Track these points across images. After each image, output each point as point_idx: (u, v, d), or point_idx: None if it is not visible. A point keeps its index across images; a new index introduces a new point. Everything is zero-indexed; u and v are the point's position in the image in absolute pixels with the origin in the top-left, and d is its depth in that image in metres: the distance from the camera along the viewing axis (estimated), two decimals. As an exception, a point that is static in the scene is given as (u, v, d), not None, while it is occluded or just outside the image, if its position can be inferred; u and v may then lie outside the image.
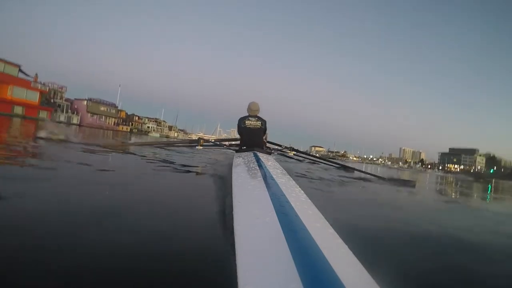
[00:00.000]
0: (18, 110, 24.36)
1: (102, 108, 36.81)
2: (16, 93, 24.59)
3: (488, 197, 5.36)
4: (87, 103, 34.85)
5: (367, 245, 0.98)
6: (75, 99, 34.74)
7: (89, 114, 34.07)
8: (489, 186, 9.75)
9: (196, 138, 4.39)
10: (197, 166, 3.40)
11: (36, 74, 28.30)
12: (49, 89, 30.45)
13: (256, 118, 3.34)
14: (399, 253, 1.13)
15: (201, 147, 4.10)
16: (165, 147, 5.00)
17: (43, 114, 26.06)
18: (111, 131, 20.73)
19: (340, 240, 0.66)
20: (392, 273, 0.82)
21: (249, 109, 3.41)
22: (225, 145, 4.28)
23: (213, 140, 4.68)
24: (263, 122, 3.39)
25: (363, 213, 1.91)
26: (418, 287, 0.85)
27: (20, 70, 25.54)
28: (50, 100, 30.15)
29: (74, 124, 28.85)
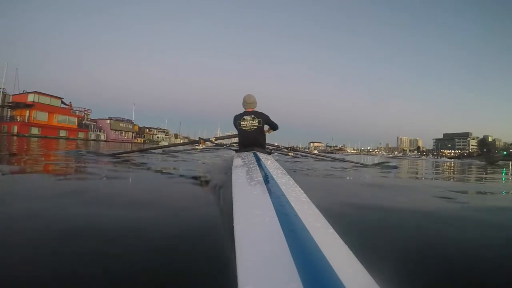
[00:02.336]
0: (63, 133, 31.25)
1: (121, 125, 43.85)
2: (60, 120, 32.19)
3: None
4: (110, 121, 41.57)
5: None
6: (98, 119, 41.40)
7: (112, 131, 40.33)
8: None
9: (197, 139, 4.41)
10: (197, 164, 3.40)
11: (70, 102, 35.54)
12: (83, 113, 38.14)
13: (252, 116, 2.90)
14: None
15: (201, 147, 4.11)
16: (168, 152, 5.35)
17: (81, 135, 33.65)
18: (130, 144, 24.76)
19: (340, 240, 0.66)
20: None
21: (244, 102, 3.02)
22: (225, 145, 4.29)
23: (213, 140, 4.68)
24: (262, 119, 2.91)
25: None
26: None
27: (62, 102, 33.22)
28: (81, 122, 36.78)
29: (102, 140, 34.77)
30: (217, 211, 1.35)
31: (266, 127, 3.10)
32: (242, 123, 2.88)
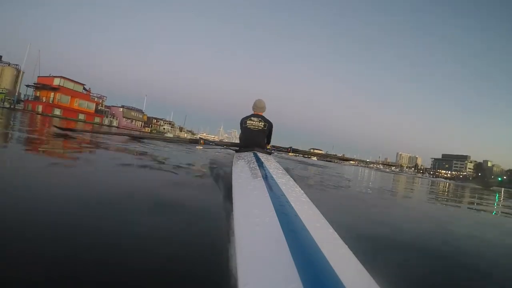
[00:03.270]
0: (81, 116, 33.72)
1: (132, 113, 47.05)
2: (80, 104, 34.95)
3: None
4: (122, 109, 44.65)
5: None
6: (112, 106, 44.10)
7: (124, 119, 43.26)
8: None
9: (198, 138, 4.41)
10: (197, 166, 3.39)
11: (90, 88, 38.02)
12: (101, 99, 41.08)
13: (260, 119, 3.06)
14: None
15: (201, 147, 4.11)
16: (167, 143, 5.64)
17: (97, 119, 36.38)
18: (139, 132, 28.21)
19: (340, 240, 0.66)
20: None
21: (254, 106, 3.20)
22: (225, 145, 4.28)
23: (213, 140, 4.67)
24: (267, 124, 3.07)
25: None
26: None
27: (83, 88, 36.08)
28: (97, 108, 39.22)
29: (114, 126, 37.01)
30: (217, 211, 1.34)
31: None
32: (248, 122, 3.04)
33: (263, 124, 3.02)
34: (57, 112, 30.60)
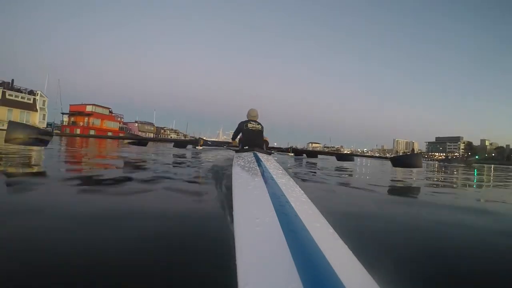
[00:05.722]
0: (109, 134, 38.48)
1: (146, 127, 56.15)
2: (108, 124, 43.47)
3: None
4: (137, 125, 54.51)
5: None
6: (128, 122, 52.51)
7: (139, 132, 51.45)
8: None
9: (197, 138, 4.44)
10: (196, 166, 3.40)
11: (112, 110, 46.18)
12: (121, 118, 50.47)
13: (257, 122, 3.74)
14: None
15: (201, 147, 4.16)
16: (171, 144, 6.22)
17: (121, 135, 40.86)
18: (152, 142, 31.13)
19: (340, 240, 0.66)
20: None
21: (249, 115, 3.79)
22: (224, 145, 4.33)
23: (212, 141, 4.72)
24: (262, 126, 3.78)
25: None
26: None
27: (109, 111, 44.78)
28: (119, 126, 48.00)
29: None
30: (217, 211, 1.34)
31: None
32: (249, 125, 3.66)
33: (260, 126, 3.73)
34: (92, 132, 36.88)
